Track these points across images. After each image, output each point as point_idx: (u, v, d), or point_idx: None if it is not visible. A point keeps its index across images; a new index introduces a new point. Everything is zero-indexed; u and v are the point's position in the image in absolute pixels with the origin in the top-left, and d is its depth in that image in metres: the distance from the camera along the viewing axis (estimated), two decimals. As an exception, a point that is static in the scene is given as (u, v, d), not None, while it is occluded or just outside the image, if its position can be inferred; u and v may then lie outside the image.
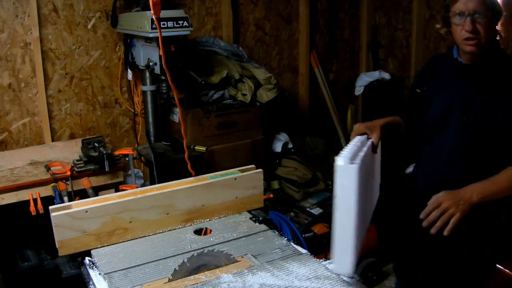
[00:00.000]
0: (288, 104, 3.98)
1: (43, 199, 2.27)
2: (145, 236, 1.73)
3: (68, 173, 2.37)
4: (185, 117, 2.97)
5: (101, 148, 2.45)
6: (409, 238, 2.01)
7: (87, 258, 1.62)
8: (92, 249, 1.64)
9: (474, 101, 1.73)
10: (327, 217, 3.00)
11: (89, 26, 3.08)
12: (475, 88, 1.74)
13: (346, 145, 1.50)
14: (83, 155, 2.53)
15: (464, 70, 1.77)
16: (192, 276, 1.47)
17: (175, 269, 1.46)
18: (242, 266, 1.52)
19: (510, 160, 1.69)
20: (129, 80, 3.20)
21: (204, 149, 2.66)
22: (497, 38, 1.73)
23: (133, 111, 3.29)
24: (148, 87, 2.91)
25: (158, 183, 1.99)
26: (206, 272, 1.49)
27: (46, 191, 2.33)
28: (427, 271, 1.95)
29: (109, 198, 1.73)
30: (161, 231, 1.76)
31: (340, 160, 1.32)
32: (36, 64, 2.92)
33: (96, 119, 3.22)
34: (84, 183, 2.41)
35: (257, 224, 1.82)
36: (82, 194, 2.36)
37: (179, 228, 1.79)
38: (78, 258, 1.65)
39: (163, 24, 2.48)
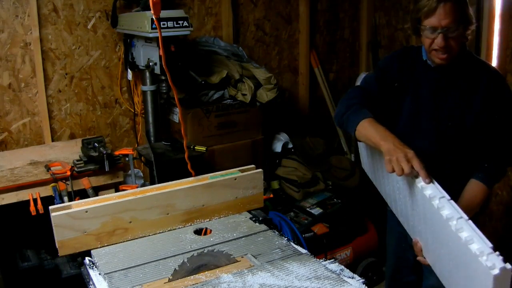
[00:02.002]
0: (288, 104, 3.97)
1: (43, 199, 2.27)
2: (145, 236, 1.73)
3: (68, 173, 2.37)
4: (185, 117, 2.97)
5: (101, 148, 2.44)
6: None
7: (87, 258, 1.62)
8: (92, 249, 1.65)
9: (443, 104, 1.75)
10: (327, 217, 3.00)
11: (89, 26, 3.08)
12: (443, 91, 1.75)
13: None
14: (83, 155, 2.53)
15: (432, 72, 1.78)
16: (192, 276, 1.47)
17: (175, 269, 1.46)
18: (242, 266, 1.52)
19: (478, 167, 1.74)
20: (129, 80, 3.20)
21: (204, 149, 2.66)
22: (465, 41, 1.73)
23: (133, 111, 3.29)
24: (148, 87, 2.91)
25: (158, 183, 1.99)
26: (206, 272, 1.49)
27: (46, 191, 2.33)
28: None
29: (109, 198, 1.73)
30: (161, 231, 1.76)
31: (495, 270, 1.13)
32: (36, 64, 2.92)
33: (96, 119, 3.22)
34: (84, 183, 2.41)
35: (257, 224, 1.82)
36: (82, 194, 2.36)
37: (179, 228, 1.79)
38: (78, 258, 1.65)
39: (163, 24, 2.48)
